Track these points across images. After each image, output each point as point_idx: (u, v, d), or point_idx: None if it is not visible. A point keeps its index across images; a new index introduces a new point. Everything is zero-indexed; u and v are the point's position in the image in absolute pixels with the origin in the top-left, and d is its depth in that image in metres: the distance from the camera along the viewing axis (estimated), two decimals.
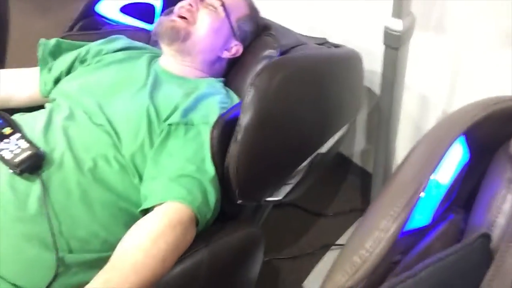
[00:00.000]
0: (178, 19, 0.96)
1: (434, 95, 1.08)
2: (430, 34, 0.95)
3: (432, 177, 0.53)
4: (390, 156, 1.06)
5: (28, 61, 1.10)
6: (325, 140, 0.98)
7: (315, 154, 0.96)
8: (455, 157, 0.57)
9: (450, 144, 0.53)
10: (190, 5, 0.97)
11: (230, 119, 0.82)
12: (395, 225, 0.44)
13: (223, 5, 0.98)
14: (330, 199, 1.54)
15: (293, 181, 0.97)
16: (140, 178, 0.83)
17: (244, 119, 0.78)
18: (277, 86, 0.79)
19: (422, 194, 0.51)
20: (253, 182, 0.83)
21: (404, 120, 1.12)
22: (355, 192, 1.55)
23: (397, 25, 0.76)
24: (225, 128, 0.81)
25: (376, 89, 1.24)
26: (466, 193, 0.63)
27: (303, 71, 0.84)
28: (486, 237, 0.54)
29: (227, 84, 1.04)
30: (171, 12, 1.02)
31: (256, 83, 0.78)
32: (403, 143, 1.23)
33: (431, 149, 0.54)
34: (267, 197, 0.89)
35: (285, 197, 0.95)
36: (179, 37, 0.95)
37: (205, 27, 0.97)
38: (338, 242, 1.38)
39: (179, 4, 0.99)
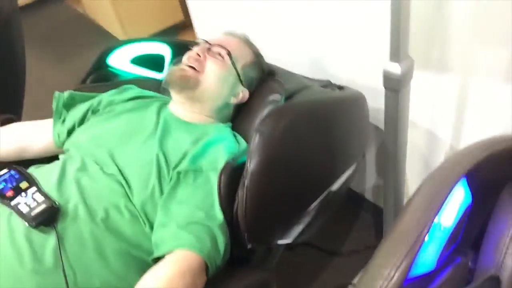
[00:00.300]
0: (188, 68, 1.00)
1: (441, 130, 1.09)
2: (433, 72, 0.97)
3: (435, 220, 0.53)
4: (399, 193, 1.06)
5: (44, 107, 1.15)
6: (334, 180, 0.99)
7: (325, 193, 0.96)
8: (457, 199, 0.57)
9: (452, 187, 0.54)
10: (198, 54, 1.01)
11: (238, 165, 0.84)
12: (398, 273, 0.44)
13: (229, 54, 1.02)
14: (343, 237, 1.53)
15: (305, 221, 0.97)
16: (151, 226, 0.84)
17: (251, 164, 0.79)
18: (282, 131, 0.81)
19: (425, 238, 0.51)
20: (262, 226, 0.84)
21: (412, 155, 1.12)
22: (368, 229, 1.54)
23: (396, 69, 0.78)
24: (233, 173, 0.83)
25: (383, 125, 1.26)
26: (474, 233, 0.63)
27: (308, 116, 0.86)
28: (495, 279, 0.54)
29: (234, 128, 1.06)
30: (180, 61, 1.06)
31: (261, 129, 0.80)
32: (413, 179, 1.23)
33: (433, 192, 0.55)
34: (278, 240, 0.89)
35: (296, 238, 0.95)
36: (189, 86, 0.99)
37: (213, 75, 1.00)
38: (354, 281, 1.36)
39: (187, 54, 1.03)
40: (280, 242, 0.90)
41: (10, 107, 1.32)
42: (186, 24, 2.89)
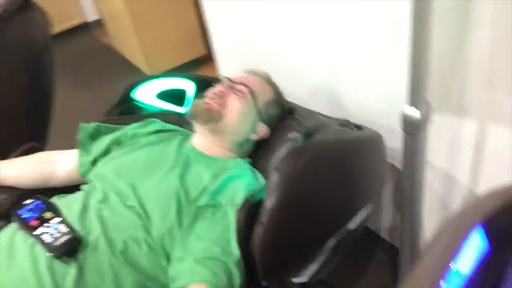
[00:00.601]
0: (212, 102, 1.03)
1: (459, 172, 1.09)
2: (451, 115, 0.98)
3: (452, 267, 0.53)
4: (415, 233, 1.06)
5: (66, 133, 1.18)
6: (349, 218, 0.99)
7: (341, 231, 0.96)
8: (474, 247, 0.57)
9: (468, 235, 0.54)
10: (221, 91, 1.04)
11: (256, 202, 0.86)
12: None
13: (251, 92, 1.05)
14: (358, 276, 1.51)
15: (320, 260, 0.97)
16: (168, 259, 0.86)
17: (269, 202, 0.81)
18: (301, 171, 0.83)
19: (442, 284, 0.52)
20: (278, 263, 0.85)
21: (429, 196, 1.12)
22: (384, 269, 1.52)
23: (414, 113, 0.80)
24: (251, 210, 0.85)
25: (399, 165, 1.26)
26: (492, 283, 0.62)
27: (326, 156, 0.88)
28: None
29: (253, 163, 1.08)
30: (203, 96, 1.10)
31: (280, 168, 0.81)
32: (430, 219, 1.22)
33: (450, 239, 0.55)
34: (293, 278, 0.89)
35: (311, 277, 0.95)
36: (213, 118, 1.02)
37: (235, 111, 1.03)
38: None
39: (212, 90, 1.07)
40: (295, 280, 0.90)
41: (36, 136, 1.37)
42: (208, 58, 2.97)
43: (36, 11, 1.29)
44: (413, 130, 0.82)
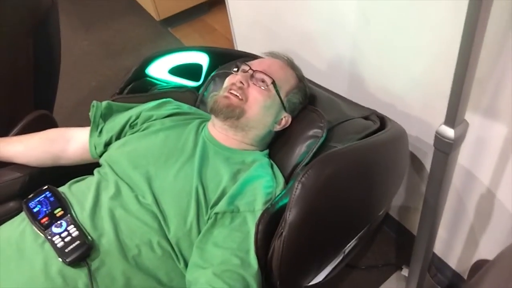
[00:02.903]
0: (232, 96, 0.97)
1: (480, 173, 1.06)
2: (480, 116, 0.94)
3: None
4: (432, 240, 1.05)
5: (68, 75, 1.09)
6: (371, 221, 0.98)
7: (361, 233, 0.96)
8: None
9: None
10: (241, 82, 0.97)
11: (275, 211, 0.84)
12: None
13: (273, 82, 0.98)
14: (364, 251, 1.53)
15: (336, 261, 0.97)
16: (185, 262, 0.86)
17: (290, 215, 0.78)
18: (324, 183, 0.80)
19: None
20: (296, 273, 0.84)
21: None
22: (390, 246, 1.54)
23: (449, 133, 0.75)
24: (270, 221, 0.83)
25: (418, 154, 1.23)
26: None
27: (349, 166, 0.84)
28: None
29: (271, 154, 1.05)
30: (224, 77, 1.04)
31: (303, 181, 0.78)
32: (444, 213, 1.22)
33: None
34: (308, 283, 0.90)
35: (325, 278, 0.96)
36: (234, 114, 0.96)
37: (258, 105, 0.97)
38: None
39: (230, 80, 1.00)
40: (310, 284, 0.91)
41: (44, 102, 1.32)
42: (218, 2, 2.81)
43: None
44: (446, 150, 0.77)
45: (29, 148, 1.06)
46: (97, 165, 1.04)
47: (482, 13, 0.60)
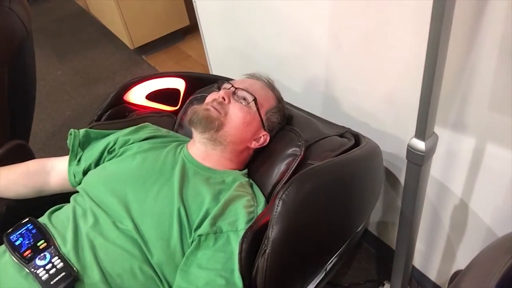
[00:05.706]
0: (212, 109, 0.98)
1: (453, 184, 1.10)
2: (450, 130, 0.98)
3: None
4: (410, 254, 1.07)
5: (41, 103, 1.09)
6: (352, 234, 1.00)
7: (343, 247, 0.98)
8: None
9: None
10: (223, 98, 0.99)
11: (258, 230, 0.85)
12: None
13: (255, 99, 1.01)
14: (345, 268, 1.55)
15: (320, 275, 0.98)
16: (170, 286, 0.85)
17: (273, 232, 0.79)
18: (303, 199, 0.82)
19: None
20: None
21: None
22: (370, 262, 1.56)
23: (420, 145, 0.79)
24: (254, 239, 0.84)
25: (393, 169, 1.27)
26: None
27: (327, 181, 0.87)
28: None
29: (250, 173, 1.06)
30: (202, 100, 1.05)
31: (283, 198, 0.80)
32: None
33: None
34: None
35: None
36: (213, 127, 0.97)
37: (237, 120, 0.99)
38: None
39: (212, 97, 1.02)
40: None
41: (20, 132, 1.31)
42: (191, 29, 2.86)
43: (15, 1, 1.19)
44: (418, 162, 0.81)
45: (10, 182, 1.05)
46: (75, 191, 1.03)
47: (443, 34, 0.65)
